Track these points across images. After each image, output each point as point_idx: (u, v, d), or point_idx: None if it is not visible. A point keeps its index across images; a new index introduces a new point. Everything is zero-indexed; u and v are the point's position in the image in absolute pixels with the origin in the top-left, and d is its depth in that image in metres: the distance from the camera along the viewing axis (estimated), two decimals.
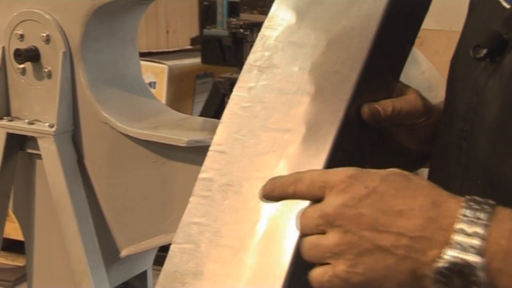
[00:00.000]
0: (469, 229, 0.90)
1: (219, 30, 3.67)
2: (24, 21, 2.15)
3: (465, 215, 0.91)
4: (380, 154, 1.31)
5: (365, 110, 1.18)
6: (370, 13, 1.22)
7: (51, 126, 2.13)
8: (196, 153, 2.02)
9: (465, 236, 0.90)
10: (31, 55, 2.14)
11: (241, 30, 2.03)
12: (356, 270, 0.95)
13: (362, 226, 0.95)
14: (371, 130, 1.23)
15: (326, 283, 0.97)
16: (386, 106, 1.21)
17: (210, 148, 1.21)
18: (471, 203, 0.92)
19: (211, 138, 1.96)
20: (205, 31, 3.87)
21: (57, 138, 2.13)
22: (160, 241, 2.16)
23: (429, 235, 0.92)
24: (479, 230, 0.89)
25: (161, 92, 4.12)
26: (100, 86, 2.17)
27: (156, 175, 2.12)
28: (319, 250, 0.97)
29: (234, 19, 2.08)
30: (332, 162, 1.10)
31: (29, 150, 2.22)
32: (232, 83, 2.03)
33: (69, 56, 2.12)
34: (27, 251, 2.33)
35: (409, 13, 1.32)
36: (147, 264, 2.44)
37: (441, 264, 0.90)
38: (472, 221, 0.90)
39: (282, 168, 1.11)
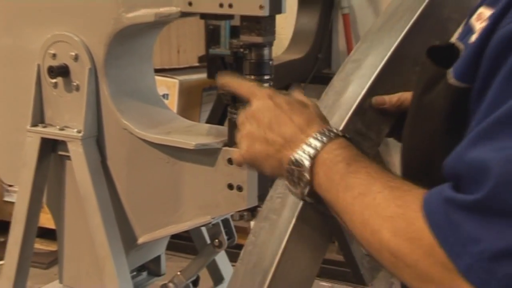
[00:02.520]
0: (313, 143, 1.15)
1: (223, 49, 3.76)
2: (56, 42, 2.15)
3: (317, 135, 1.15)
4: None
5: (373, 100, 1.36)
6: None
7: (78, 131, 2.13)
8: (203, 155, 2.03)
9: (308, 147, 1.14)
10: (62, 71, 2.13)
11: (241, 50, 2.02)
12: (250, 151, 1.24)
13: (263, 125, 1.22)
14: (386, 116, 1.38)
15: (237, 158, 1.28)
16: (392, 97, 1.37)
17: None
18: (325, 130, 1.17)
19: (216, 142, 2.00)
20: (211, 50, 3.87)
21: (84, 142, 2.13)
22: (171, 230, 2.16)
23: (294, 141, 1.17)
24: (318, 145, 1.14)
25: (173, 103, 4.10)
26: (120, 97, 2.17)
27: (168, 174, 2.11)
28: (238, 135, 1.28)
29: (235, 41, 2.06)
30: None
31: (60, 152, 2.22)
32: (233, 96, 2.03)
33: (94, 72, 2.12)
34: (59, 238, 2.34)
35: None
36: (161, 250, 2.45)
37: (292, 158, 1.15)
38: (318, 139, 1.15)
39: None
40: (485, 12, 1.07)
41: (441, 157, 1.02)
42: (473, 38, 1.04)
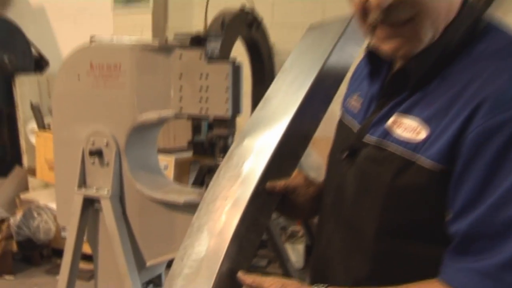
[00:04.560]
0: None
1: (202, 137, 3.80)
2: (94, 134, 2.19)
3: None
4: (289, 209, 1.34)
5: (267, 185, 1.23)
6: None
7: (108, 192, 2.17)
8: (189, 207, 2.07)
9: None
10: (98, 153, 2.19)
11: (214, 138, 2.11)
12: None
13: None
14: (275, 196, 1.26)
15: None
16: (280, 182, 1.25)
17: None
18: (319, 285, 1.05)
19: (198, 198, 2.03)
20: (195, 138, 3.92)
21: (111, 199, 2.16)
22: (169, 257, 2.18)
23: None
24: None
25: (170, 173, 4.02)
26: (136, 170, 2.19)
27: (166, 219, 2.13)
28: None
29: (210, 132, 2.14)
30: (248, 213, 1.16)
31: (96, 206, 2.24)
32: (209, 167, 2.09)
33: (118, 154, 2.16)
34: (94, 261, 2.34)
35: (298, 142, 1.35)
36: (162, 269, 2.45)
37: None
38: None
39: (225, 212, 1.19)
40: (404, 121, 1.02)
41: (422, 221, 0.97)
42: (422, 136, 0.97)
